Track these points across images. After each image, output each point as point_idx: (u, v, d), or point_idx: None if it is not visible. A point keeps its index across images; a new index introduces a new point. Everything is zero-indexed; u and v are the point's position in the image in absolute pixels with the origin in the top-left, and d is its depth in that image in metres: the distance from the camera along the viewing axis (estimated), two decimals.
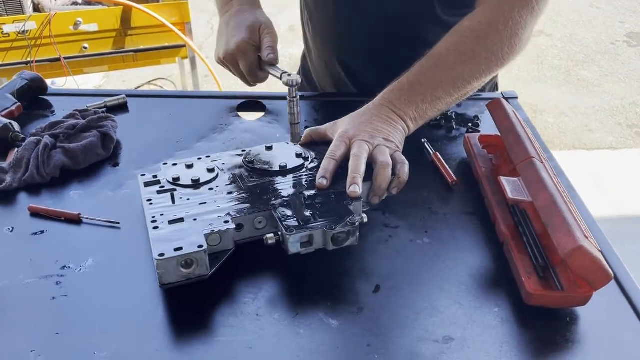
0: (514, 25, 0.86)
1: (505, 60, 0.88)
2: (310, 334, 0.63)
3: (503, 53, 0.87)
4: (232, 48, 0.96)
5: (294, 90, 0.84)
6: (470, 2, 0.97)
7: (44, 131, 0.94)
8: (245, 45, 0.95)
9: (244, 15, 1.00)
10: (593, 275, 0.63)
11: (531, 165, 0.76)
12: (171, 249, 0.65)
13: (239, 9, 1.02)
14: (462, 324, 0.65)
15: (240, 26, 0.97)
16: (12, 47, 2.44)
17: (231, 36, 0.97)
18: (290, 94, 0.84)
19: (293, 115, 0.85)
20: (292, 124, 0.85)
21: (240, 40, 0.95)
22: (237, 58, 0.97)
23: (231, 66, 1.00)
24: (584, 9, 5.10)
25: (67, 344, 0.63)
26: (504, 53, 0.87)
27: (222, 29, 1.02)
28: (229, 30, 0.99)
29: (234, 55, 0.97)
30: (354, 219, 0.70)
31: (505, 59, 0.88)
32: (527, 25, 0.88)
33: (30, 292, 0.69)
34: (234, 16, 1.00)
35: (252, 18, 0.99)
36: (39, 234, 0.78)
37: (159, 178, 0.80)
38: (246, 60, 0.97)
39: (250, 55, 0.96)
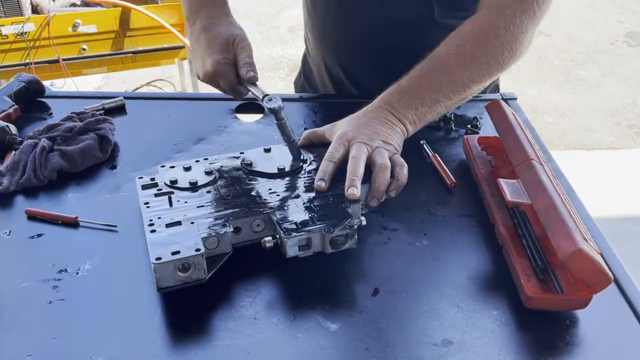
0: (515, 30, 0.86)
1: (505, 64, 0.87)
2: (308, 338, 0.63)
3: (503, 57, 0.86)
4: (209, 70, 0.92)
5: (279, 114, 0.82)
6: (470, 5, 0.97)
7: (41, 134, 0.94)
8: (220, 66, 0.91)
9: (215, 30, 0.94)
10: (593, 278, 0.62)
11: (530, 167, 0.76)
12: (168, 252, 0.65)
13: (207, 22, 0.95)
14: (461, 327, 0.64)
15: (213, 44, 0.92)
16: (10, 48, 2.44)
17: (206, 56, 0.92)
18: (277, 118, 0.82)
19: (286, 135, 0.83)
20: (289, 143, 0.83)
21: (215, 61, 0.91)
22: (215, 79, 0.93)
23: (212, 84, 0.96)
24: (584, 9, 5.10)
25: (64, 348, 0.62)
26: (504, 57, 0.86)
27: (194, 46, 0.97)
28: (202, 48, 0.94)
29: (212, 76, 0.93)
30: (353, 221, 0.69)
31: (506, 64, 0.87)
32: (528, 30, 0.87)
33: (27, 296, 0.69)
34: (204, 31, 0.95)
35: (224, 33, 0.93)
36: (36, 237, 0.78)
37: (157, 181, 0.80)
38: (225, 80, 0.93)
39: (228, 75, 0.92)
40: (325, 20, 1.13)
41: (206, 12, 0.96)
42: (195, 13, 0.97)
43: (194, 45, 0.97)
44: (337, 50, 1.16)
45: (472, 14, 0.92)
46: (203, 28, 0.95)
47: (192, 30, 0.98)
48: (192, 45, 0.98)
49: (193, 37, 0.98)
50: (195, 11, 0.97)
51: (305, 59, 1.32)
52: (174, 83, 3.54)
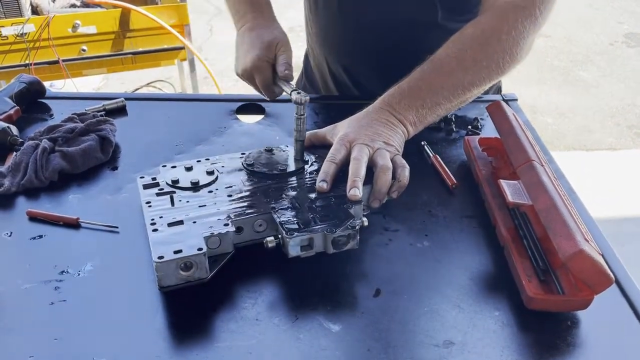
0: (516, 35, 0.86)
1: (505, 69, 0.88)
2: (310, 339, 0.63)
3: (504, 62, 0.87)
4: (248, 64, 0.96)
5: (302, 108, 0.82)
6: (472, 8, 0.97)
7: (42, 135, 0.94)
8: (260, 62, 0.95)
9: (260, 31, 0.99)
10: (594, 279, 0.62)
11: (531, 168, 0.76)
12: (170, 251, 0.65)
13: (254, 23, 1.01)
14: (462, 328, 0.65)
15: (256, 42, 0.97)
16: (10, 49, 2.44)
17: (247, 52, 0.97)
18: (298, 111, 0.82)
19: (299, 132, 0.83)
20: (297, 141, 0.84)
21: (255, 56, 0.95)
22: (253, 74, 0.97)
23: (248, 81, 1.00)
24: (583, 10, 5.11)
25: (66, 349, 0.62)
26: (505, 62, 0.87)
27: (238, 44, 1.02)
28: (245, 45, 0.98)
29: (250, 71, 0.97)
30: (355, 222, 0.69)
31: (506, 68, 0.88)
32: (529, 36, 0.88)
33: (28, 297, 0.69)
34: (250, 31, 1.00)
35: (269, 34, 0.98)
36: (37, 238, 0.78)
37: (158, 180, 0.80)
38: (261, 76, 0.96)
39: (265, 72, 0.96)
40: (327, 21, 1.13)
41: (253, 15, 1.02)
42: (243, 17, 1.03)
43: (238, 44, 1.02)
44: (338, 51, 1.16)
45: (474, 17, 0.93)
46: (249, 28, 1.00)
47: (239, 33, 1.03)
48: (237, 45, 1.02)
49: (239, 37, 1.02)
50: (243, 14, 1.03)
51: (306, 59, 1.32)
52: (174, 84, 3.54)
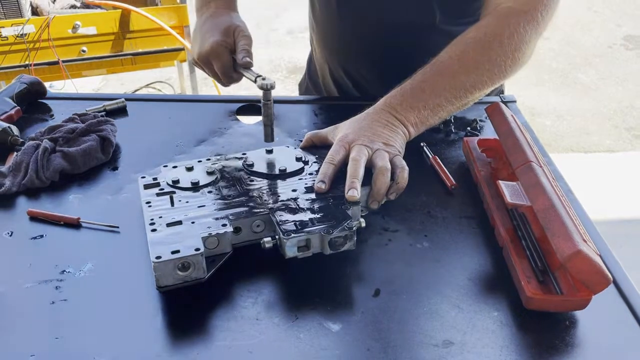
0: (518, 39, 0.87)
1: (507, 73, 0.88)
2: (310, 339, 0.63)
3: (506, 66, 0.87)
4: (206, 49, 0.96)
5: (269, 94, 0.84)
6: (472, 12, 0.98)
7: (43, 135, 0.94)
8: (218, 47, 0.95)
9: (220, 18, 1.00)
10: (592, 279, 0.63)
11: (530, 169, 0.77)
12: (168, 251, 0.65)
13: (215, 11, 1.03)
14: (461, 328, 0.65)
15: (215, 28, 0.98)
16: (10, 50, 2.44)
17: (205, 38, 0.98)
18: (265, 97, 0.85)
19: (268, 117, 0.86)
20: (266, 126, 0.87)
21: (214, 42, 0.96)
22: (210, 59, 0.97)
23: (205, 66, 1.00)
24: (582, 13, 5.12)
25: (67, 348, 0.63)
26: (507, 66, 0.87)
27: (197, 30, 1.03)
28: (204, 31, 0.99)
29: (208, 56, 0.97)
30: (352, 223, 0.70)
31: (508, 72, 0.88)
32: (531, 40, 0.88)
33: (29, 296, 0.69)
34: (210, 18, 1.02)
35: (228, 20, 0.99)
36: (38, 238, 0.78)
37: (159, 180, 0.80)
38: (220, 62, 0.97)
39: (223, 57, 0.96)
40: (327, 24, 1.14)
41: (215, 4, 1.04)
42: (206, 5, 1.05)
43: (196, 30, 1.03)
44: (339, 54, 1.17)
45: (473, 20, 0.93)
46: (210, 16, 1.03)
47: (199, 20, 1.04)
48: (195, 31, 1.03)
49: (199, 23, 1.03)
50: (206, 3, 1.05)
51: (310, 60, 1.33)
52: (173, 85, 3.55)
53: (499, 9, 0.90)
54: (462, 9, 1.03)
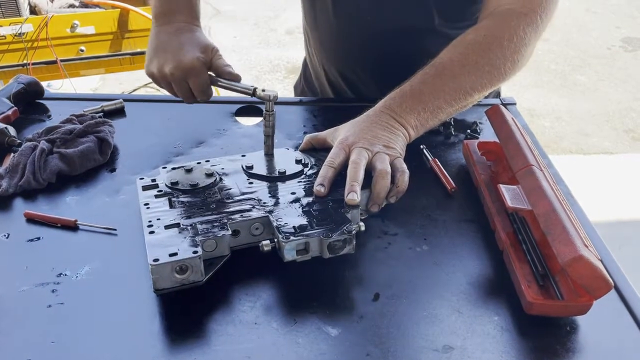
0: (518, 41, 0.87)
1: (507, 75, 0.88)
2: (309, 343, 0.63)
3: (505, 68, 0.87)
4: (185, 64, 0.91)
5: (271, 105, 0.83)
6: (470, 15, 0.98)
7: (40, 136, 0.94)
8: (199, 63, 0.91)
9: (193, 34, 0.96)
10: (593, 284, 0.62)
11: (530, 173, 0.76)
12: (166, 254, 0.65)
13: (185, 25, 0.97)
14: (462, 333, 0.64)
15: (192, 44, 0.93)
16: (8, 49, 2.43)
17: (183, 53, 0.92)
18: (268, 107, 0.83)
19: (270, 127, 0.84)
20: (267, 136, 0.85)
21: (195, 57, 0.91)
22: (188, 75, 0.92)
23: (177, 82, 0.93)
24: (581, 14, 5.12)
25: (63, 352, 0.62)
26: (507, 68, 0.87)
27: (165, 42, 0.95)
28: (178, 45, 0.93)
29: (186, 72, 0.92)
30: (351, 227, 0.69)
31: (508, 74, 0.88)
32: (530, 43, 0.88)
33: (26, 299, 0.68)
34: (183, 31, 0.96)
35: (203, 37, 0.97)
36: (34, 240, 0.77)
37: (158, 182, 0.80)
38: (198, 79, 0.92)
39: (203, 74, 0.93)
40: (323, 27, 1.13)
41: (184, 17, 0.98)
42: (169, 14, 0.98)
43: (161, 42, 0.95)
44: (335, 57, 1.16)
45: (471, 23, 0.93)
46: (180, 29, 0.96)
47: (160, 30, 0.97)
48: (159, 43, 0.96)
49: (163, 35, 0.96)
50: (171, 12, 0.98)
51: (305, 63, 1.32)
52: None
53: (498, 11, 0.90)
54: (461, 12, 1.03)
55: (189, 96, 0.96)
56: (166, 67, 0.92)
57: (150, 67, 0.95)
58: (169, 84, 0.95)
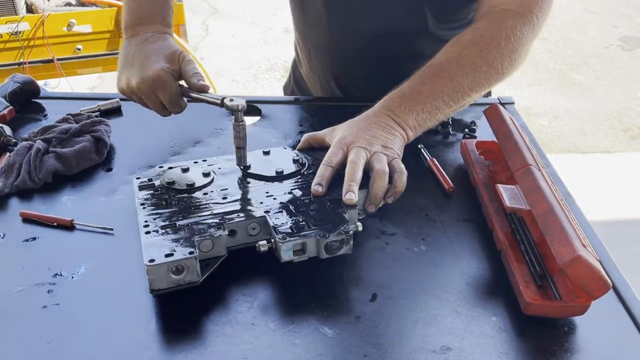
0: (515, 41, 0.87)
1: (504, 74, 0.88)
2: (306, 344, 0.63)
3: (503, 68, 0.87)
4: (151, 77, 0.87)
5: (240, 115, 0.80)
6: (462, 16, 0.98)
7: (36, 135, 0.93)
8: (165, 74, 0.87)
9: (159, 43, 0.92)
10: (591, 285, 0.62)
11: (529, 173, 0.76)
12: (162, 254, 0.65)
13: (151, 35, 0.93)
14: (459, 334, 0.64)
15: (157, 54, 0.89)
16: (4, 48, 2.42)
17: (147, 64, 0.88)
18: (237, 118, 0.80)
19: (240, 139, 0.80)
20: (239, 148, 0.81)
21: (160, 68, 0.87)
22: (155, 88, 0.88)
23: (146, 96, 0.90)
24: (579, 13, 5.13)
25: (59, 353, 0.62)
26: (504, 68, 0.87)
27: (131, 55, 0.92)
28: (143, 57, 0.90)
29: (153, 84, 0.88)
30: (348, 227, 0.69)
31: (505, 74, 0.88)
32: (527, 42, 0.88)
33: (21, 300, 0.68)
34: (147, 43, 0.92)
35: (169, 46, 0.92)
36: (30, 240, 0.77)
37: (154, 182, 0.79)
38: (167, 90, 0.88)
39: (172, 84, 0.88)
40: (316, 29, 1.12)
41: (150, 27, 0.94)
42: (137, 25, 0.94)
43: (128, 55, 0.92)
44: (328, 58, 1.15)
45: (464, 24, 0.93)
46: (145, 40, 0.92)
47: (129, 42, 0.94)
48: (126, 56, 0.92)
49: (130, 47, 0.93)
50: (138, 23, 0.95)
51: (295, 64, 1.31)
52: None
53: (494, 11, 0.90)
54: (454, 14, 1.03)
55: (161, 109, 0.92)
56: (133, 81, 0.89)
57: (120, 83, 0.92)
58: (139, 98, 0.92)
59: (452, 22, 1.03)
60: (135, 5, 0.96)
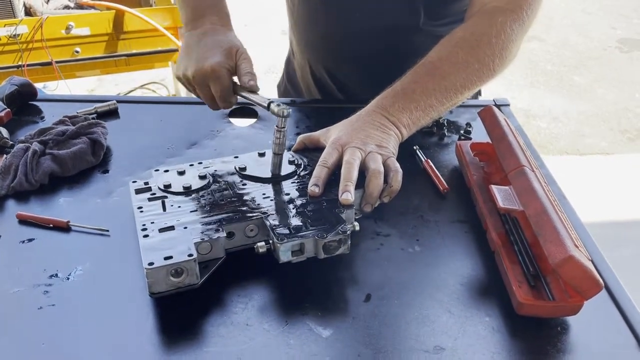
0: (505, 38, 0.88)
1: (495, 71, 0.89)
2: (300, 344, 0.63)
3: (494, 65, 0.88)
4: (206, 70, 0.89)
5: (284, 121, 0.79)
6: (455, 13, 0.98)
7: (33, 137, 0.93)
8: (220, 69, 0.88)
9: (219, 36, 0.93)
10: (583, 285, 0.62)
11: (522, 174, 0.76)
12: (161, 257, 0.65)
13: (211, 27, 0.95)
14: (453, 334, 0.65)
15: (216, 47, 0.91)
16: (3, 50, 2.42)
17: (205, 56, 0.90)
18: (280, 124, 0.79)
19: (279, 145, 0.80)
20: (276, 154, 0.80)
21: (216, 62, 0.88)
22: (208, 80, 0.90)
23: (199, 87, 0.92)
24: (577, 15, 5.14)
25: (54, 355, 0.62)
26: (495, 65, 0.88)
27: (191, 46, 0.94)
28: (202, 48, 0.91)
29: (206, 77, 0.89)
30: (346, 227, 0.69)
31: (496, 71, 0.89)
32: (517, 39, 0.90)
33: (17, 301, 0.68)
34: (208, 35, 0.94)
35: (228, 40, 0.93)
36: (27, 242, 0.77)
37: (150, 185, 0.79)
38: (220, 84, 0.89)
39: (225, 79, 0.89)
40: (310, 25, 1.13)
41: (210, 19, 0.96)
42: (198, 19, 0.97)
43: (189, 46, 0.94)
44: (322, 54, 1.16)
45: (457, 20, 0.94)
46: (205, 32, 0.95)
47: (191, 34, 0.96)
48: (187, 46, 0.95)
49: (191, 38, 0.95)
50: (199, 17, 0.97)
51: (288, 61, 1.32)
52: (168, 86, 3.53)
53: (485, 8, 0.91)
54: (447, 11, 1.04)
55: (212, 101, 0.93)
56: (188, 71, 0.92)
57: (177, 70, 0.96)
58: (194, 88, 0.94)
59: (441, 18, 1.04)
60: (191, 2, 0.99)
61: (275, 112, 0.79)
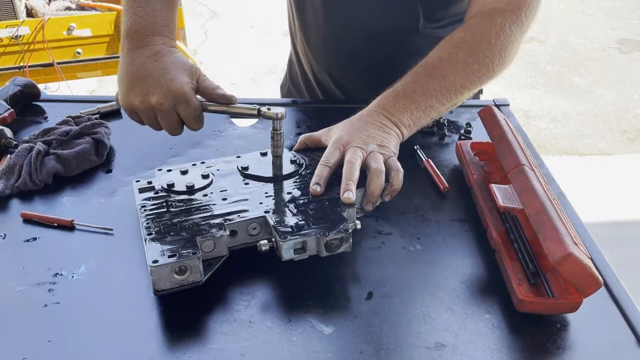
0: (504, 39, 0.89)
1: (495, 72, 0.90)
2: (302, 341, 0.64)
3: (494, 65, 0.89)
4: (174, 91, 0.79)
5: (279, 123, 0.79)
6: (450, 15, 0.99)
7: (36, 138, 0.94)
8: (189, 89, 0.81)
9: (174, 56, 0.84)
10: (583, 282, 0.63)
11: (522, 173, 0.77)
12: (165, 255, 0.66)
13: (163, 47, 0.85)
14: (453, 331, 0.65)
15: (177, 68, 0.82)
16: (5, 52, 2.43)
17: (167, 79, 0.80)
18: (275, 126, 0.79)
19: (279, 147, 0.81)
20: (276, 157, 0.81)
21: (185, 83, 0.80)
22: (178, 103, 0.80)
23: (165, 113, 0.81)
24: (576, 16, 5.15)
25: (59, 351, 0.63)
26: (495, 65, 0.89)
27: (142, 68, 0.82)
28: (159, 72, 0.81)
29: (176, 99, 0.80)
30: (348, 225, 0.70)
31: (496, 71, 0.90)
32: (516, 39, 0.91)
33: (22, 299, 0.69)
34: (163, 55, 0.84)
35: (185, 61, 0.85)
36: (31, 240, 0.78)
37: (154, 184, 0.80)
38: (191, 105, 0.81)
39: (195, 99, 0.81)
40: (312, 27, 1.14)
41: (162, 39, 0.86)
42: (147, 35, 0.85)
43: (139, 69, 0.82)
44: (323, 57, 1.17)
45: (456, 21, 0.94)
46: (157, 53, 0.84)
47: (136, 54, 0.84)
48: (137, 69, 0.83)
49: (138, 60, 0.83)
50: (147, 33, 0.85)
51: (291, 62, 1.33)
52: None
53: (484, 10, 0.92)
54: (446, 13, 1.05)
55: (177, 127, 0.84)
56: (152, 97, 0.80)
57: (129, 98, 0.82)
58: (153, 116, 0.83)
59: (443, 21, 1.05)
60: (140, 11, 0.87)
61: (269, 116, 0.79)
